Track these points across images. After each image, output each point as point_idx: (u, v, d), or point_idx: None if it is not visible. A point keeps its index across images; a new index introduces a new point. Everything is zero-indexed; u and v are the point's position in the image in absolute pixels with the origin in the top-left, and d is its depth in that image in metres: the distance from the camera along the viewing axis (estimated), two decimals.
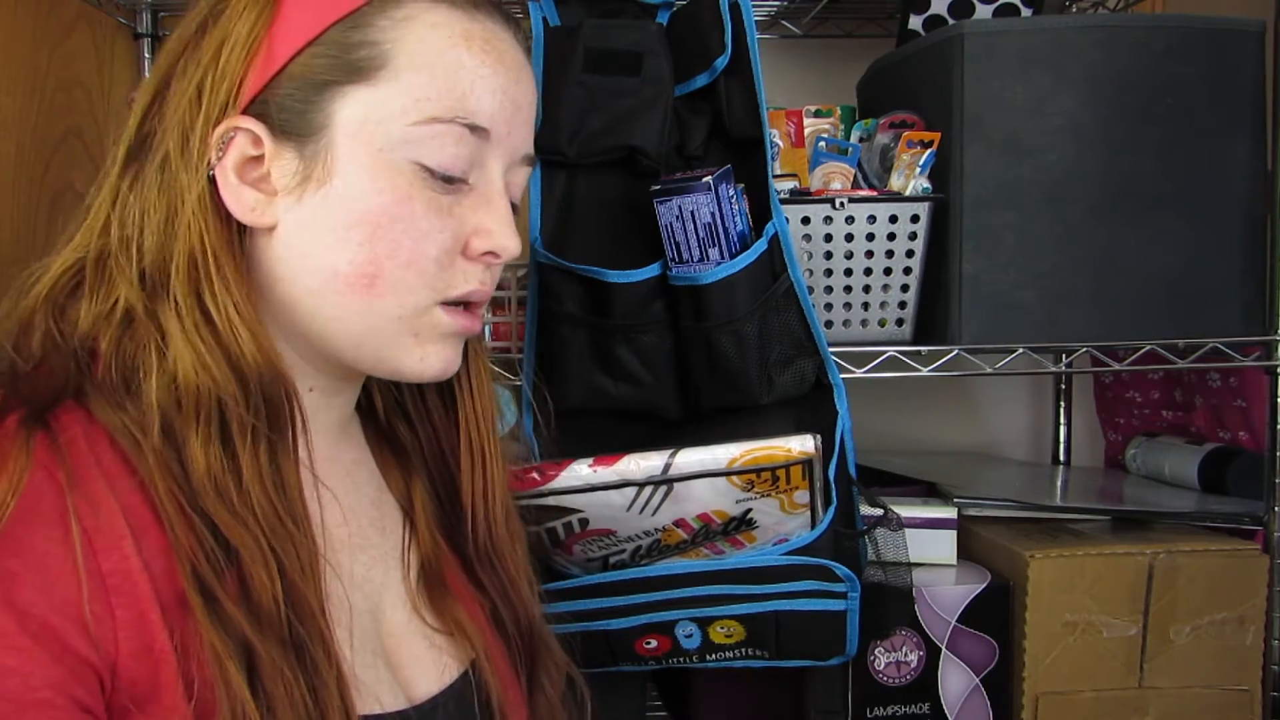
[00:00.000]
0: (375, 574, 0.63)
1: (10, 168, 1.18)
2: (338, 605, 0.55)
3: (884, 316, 1.04)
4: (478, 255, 0.58)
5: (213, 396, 0.51)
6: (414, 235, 0.55)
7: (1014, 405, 1.46)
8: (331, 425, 0.64)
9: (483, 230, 0.58)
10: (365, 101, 0.54)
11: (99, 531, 0.47)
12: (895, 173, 1.03)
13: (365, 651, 0.58)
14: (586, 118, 0.92)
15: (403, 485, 0.68)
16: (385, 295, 0.55)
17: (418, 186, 0.55)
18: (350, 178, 0.54)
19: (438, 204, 0.56)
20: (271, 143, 0.54)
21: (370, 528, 0.64)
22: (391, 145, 0.54)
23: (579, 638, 0.83)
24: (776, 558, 0.82)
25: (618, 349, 0.89)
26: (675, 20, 0.96)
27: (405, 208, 0.55)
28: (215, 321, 0.53)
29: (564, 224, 0.95)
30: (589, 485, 0.78)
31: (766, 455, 0.76)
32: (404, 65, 0.54)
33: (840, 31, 1.34)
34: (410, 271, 0.56)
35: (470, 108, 0.56)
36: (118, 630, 0.46)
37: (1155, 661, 0.95)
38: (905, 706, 0.95)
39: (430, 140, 0.55)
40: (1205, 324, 1.01)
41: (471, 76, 0.56)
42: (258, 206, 0.55)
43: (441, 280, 0.57)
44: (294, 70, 0.54)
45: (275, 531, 0.51)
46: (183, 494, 0.50)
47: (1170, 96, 0.98)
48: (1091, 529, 1.04)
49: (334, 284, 0.55)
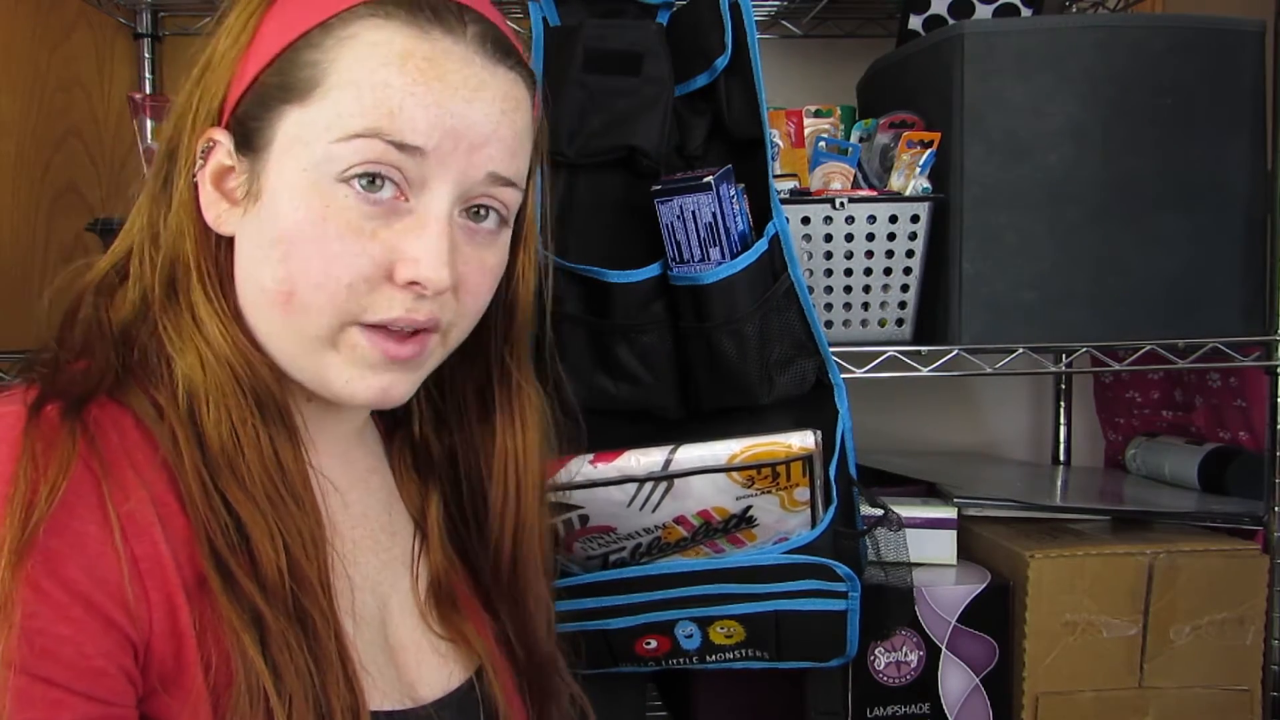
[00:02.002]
0: (385, 577, 0.64)
1: (10, 168, 1.18)
2: (346, 595, 0.57)
3: (884, 316, 1.04)
4: (402, 284, 0.55)
5: (215, 385, 0.55)
6: (324, 256, 0.54)
7: (1014, 405, 1.46)
8: (343, 434, 0.65)
9: (406, 259, 0.55)
10: (297, 120, 0.54)
11: (130, 518, 0.49)
12: (895, 173, 1.03)
13: (372, 648, 0.59)
14: (586, 118, 0.92)
15: (418, 498, 0.69)
16: (298, 313, 0.55)
17: (335, 208, 0.54)
18: (276, 195, 0.55)
19: (356, 227, 0.54)
20: (234, 155, 0.56)
21: (381, 532, 0.66)
22: (315, 163, 0.54)
23: (574, 640, 0.83)
24: (777, 556, 0.82)
25: (618, 349, 0.89)
26: (675, 20, 0.97)
27: (318, 228, 0.54)
28: (203, 323, 0.56)
29: (564, 224, 0.95)
30: (589, 481, 0.78)
31: (767, 451, 0.76)
32: (334, 84, 0.54)
33: (840, 31, 1.34)
34: (321, 294, 0.54)
35: (398, 125, 0.53)
36: (152, 611, 0.49)
37: (1155, 661, 0.95)
38: (905, 706, 0.95)
39: (350, 157, 0.53)
40: (1205, 324, 1.01)
41: (401, 94, 0.53)
42: (222, 215, 0.57)
43: (355, 304, 0.55)
44: (255, 88, 0.56)
45: (278, 508, 0.54)
46: (205, 469, 0.53)
47: (1170, 96, 0.98)
48: (1091, 529, 1.04)
49: (262, 299, 0.56)
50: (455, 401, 0.70)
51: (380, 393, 0.57)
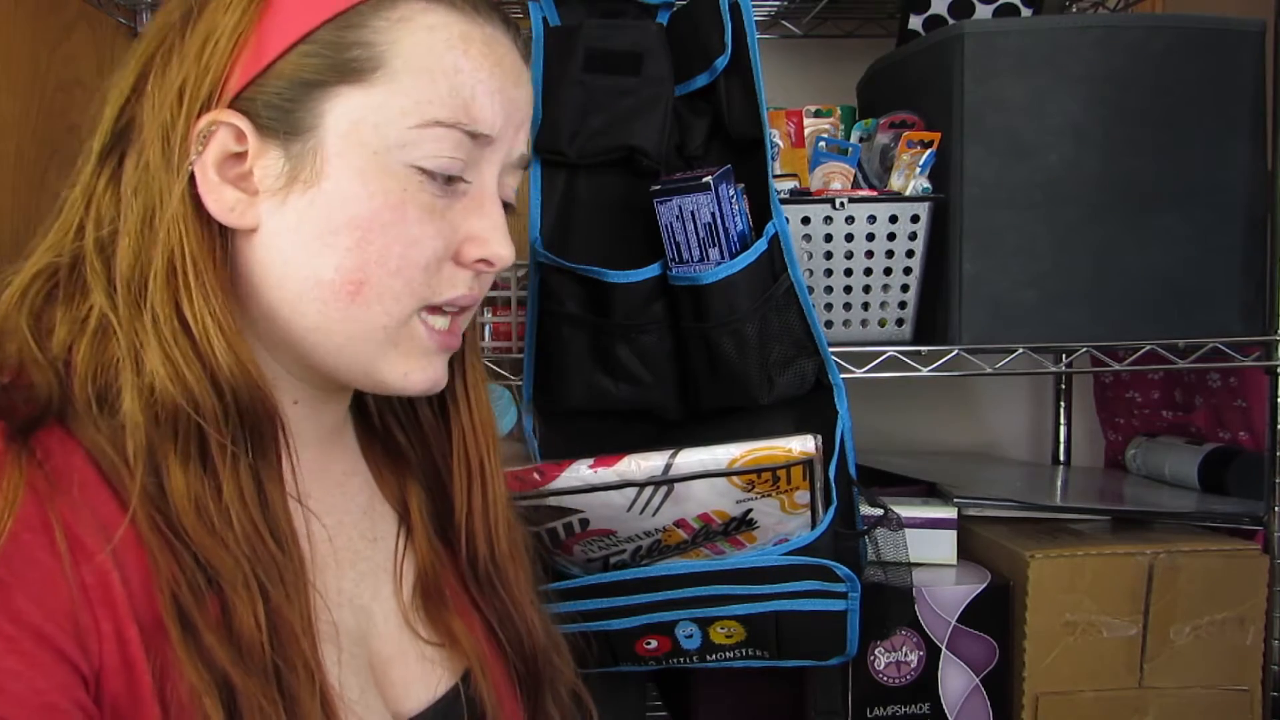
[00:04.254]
0: (365, 588, 0.61)
1: (10, 168, 1.18)
2: (324, 624, 0.53)
3: (884, 316, 1.04)
4: (470, 262, 0.57)
5: (191, 412, 0.49)
6: (405, 242, 0.53)
7: (1014, 405, 1.46)
8: (321, 436, 0.62)
9: (477, 238, 0.56)
10: (359, 103, 0.52)
11: (79, 544, 0.46)
12: (895, 173, 1.03)
13: (352, 670, 0.57)
14: (586, 118, 0.92)
15: (398, 491, 0.66)
16: (371, 304, 0.53)
17: (412, 191, 0.53)
18: (341, 180, 0.52)
19: (431, 208, 0.54)
20: (256, 139, 0.52)
21: (360, 539, 0.62)
22: (387, 148, 0.53)
23: (581, 638, 0.83)
24: (777, 558, 0.82)
25: (618, 349, 0.89)
26: (675, 20, 0.96)
27: (398, 213, 0.53)
28: (193, 332, 0.50)
29: (564, 224, 0.95)
30: (589, 486, 0.78)
31: (767, 456, 0.76)
32: (401, 68, 0.52)
33: (840, 31, 1.34)
34: (398, 279, 0.54)
35: (473, 114, 0.54)
36: (102, 642, 0.45)
37: (1155, 661, 0.95)
38: (905, 706, 0.95)
39: (429, 144, 0.53)
40: (1205, 324, 1.01)
41: (471, 81, 0.54)
42: (238, 206, 0.52)
43: (428, 287, 0.55)
44: (282, 68, 0.52)
45: (258, 554, 0.49)
46: (162, 517, 0.48)
47: (1170, 96, 0.98)
48: (1091, 529, 1.04)
49: (317, 291, 0.53)
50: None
51: (434, 382, 0.58)
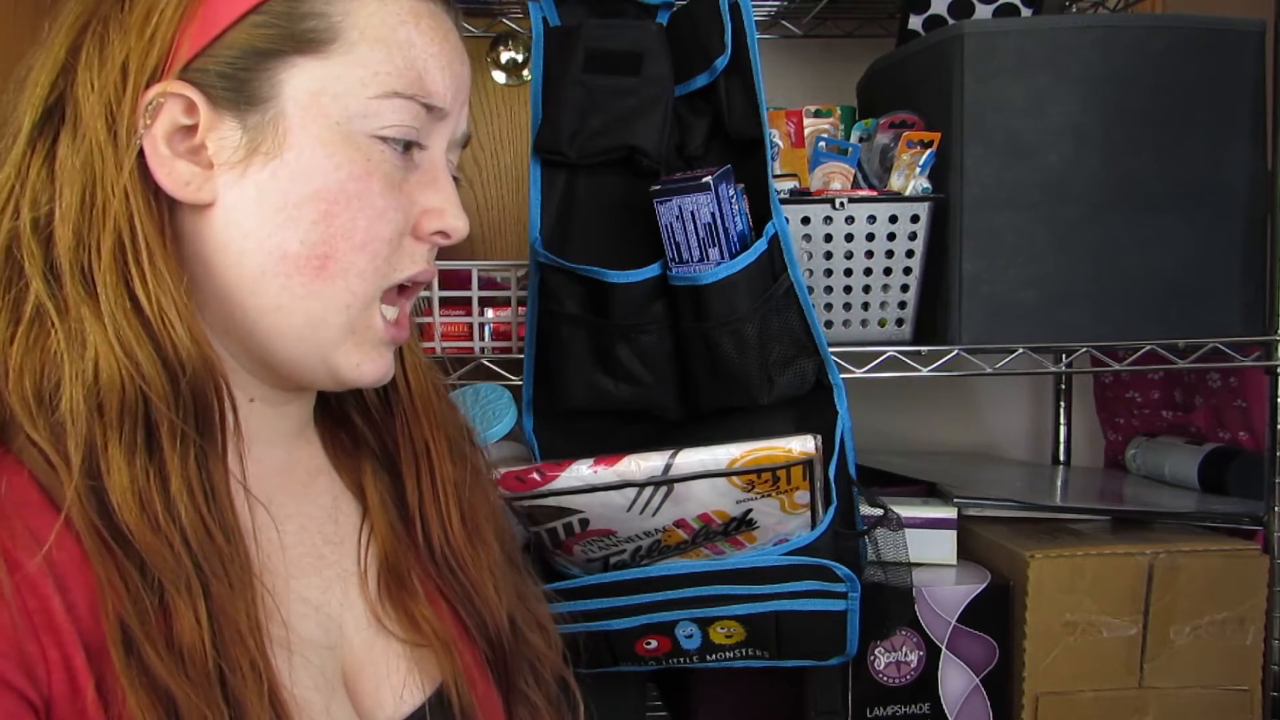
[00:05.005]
0: (333, 595, 0.59)
1: None
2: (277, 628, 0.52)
3: (884, 316, 1.04)
4: (428, 235, 0.57)
5: (138, 395, 0.47)
6: (370, 214, 0.53)
7: (1014, 405, 1.46)
8: (285, 435, 0.60)
9: (433, 210, 0.56)
10: (318, 74, 0.52)
11: (18, 568, 0.44)
12: (895, 173, 1.03)
13: (313, 679, 0.55)
14: (586, 118, 0.92)
15: (356, 476, 0.64)
16: (335, 279, 0.53)
17: (376, 161, 0.53)
18: (305, 152, 0.51)
19: (393, 180, 0.54)
20: (209, 111, 0.50)
21: (325, 545, 0.60)
22: (349, 118, 0.52)
23: (580, 638, 0.83)
24: (777, 558, 0.82)
25: (618, 349, 0.89)
26: (675, 20, 0.96)
27: (363, 184, 0.52)
28: (145, 310, 0.48)
29: (564, 224, 0.95)
30: (589, 486, 0.78)
31: (767, 456, 0.76)
32: (358, 39, 0.52)
33: (840, 31, 1.34)
34: (364, 254, 0.53)
35: (427, 87, 0.55)
36: (50, 671, 0.44)
37: (1155, 661, 0.95)
38: (905, 706, 0.95)
39: (389, 114, 0.53)
40: (1205, 324, 1.01)
41: (424, 55, 0.55)
42: (193, 181, 0.51)
43: (389, 264, 0.55)
44: (233, 38, 0.51)
45: (202, 547, 0.47)
46: (102, 520, 0.46)
47: (1170, 96, 0.98)
48: (1091, 529, 1.04)
49: (281, 266, 0.52)
50: None
51: (384, 373, 0.57)
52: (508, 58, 1.33)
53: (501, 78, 1.34)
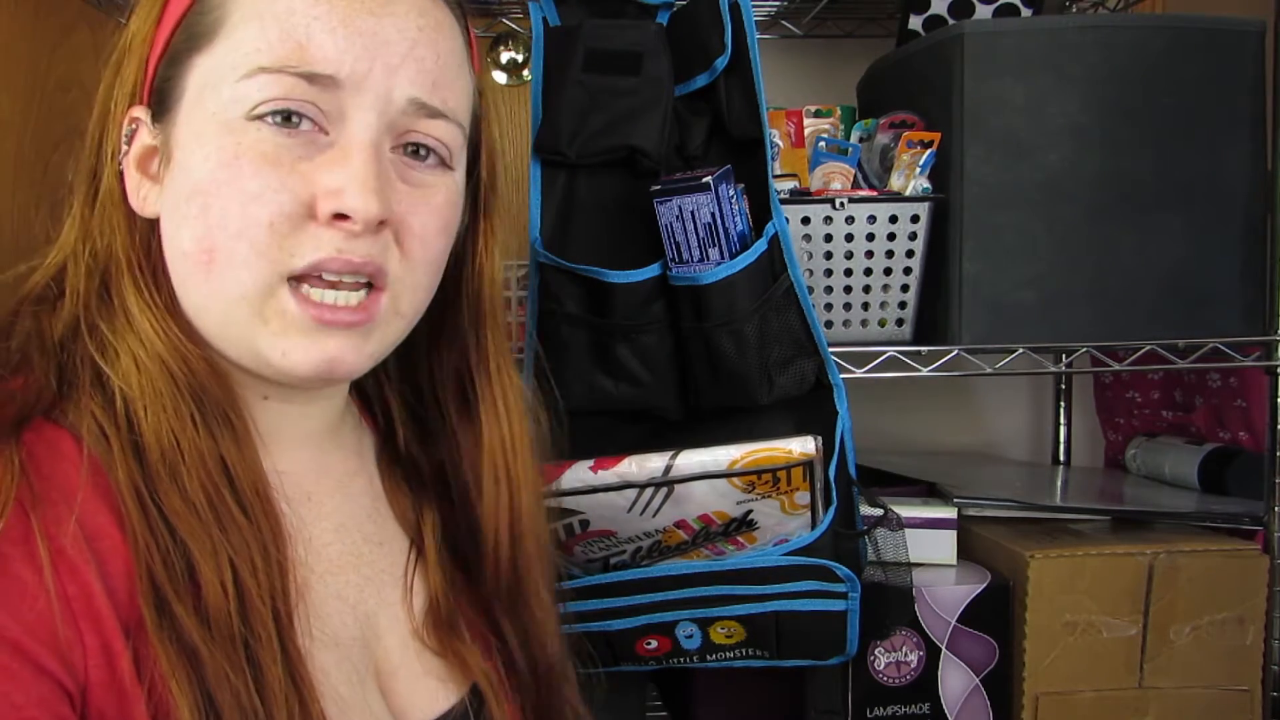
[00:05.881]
0: (369, 594, 0.59)
1: (10, 168, 1.18)
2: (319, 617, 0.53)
3: (884, 316, 1.04)
4: (325, 219, 0.50)
5: (150, 386, 0.50)
6: (242, 199, 0.49)
7: (1014, 405, 1.46)
8: (312, 435, 0.60)
9: (330, 190, 0.50)
10: (204, 68, 0.52)
11: (61, 555, 0.45)
12: (895, 173, 1.03)
13: (352, 673, 0.56)
14: (586, 118, 0.92)
15: (412, 513, 0.64)
16: (223, 272, 0.50)
17: (247, 143, 0.50)
18: (187, 148, 0.51)
19: (273, 159, 0.50)
20: (152, 127, 0.53)
21: (365, 543, 0.61)
22: (222, 106, 0.50)
23: (583, 643, 0.83)
24: (777, 558, 0.82)
25: (618, 349, 0.89)
26: (675, 20, 0.96)
27: (231, 169, 0.49)
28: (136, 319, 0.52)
29: (564, 224, 0.95)
30: (590, 487, 0.78)
31: (767, 457, 0.76)
32: (237, 22, 0.51)
33: (840, 31, 1.34)
34: (242, 242, 0.49)
35: (309, 55, 0.50)
36: (87, 657, 0.44)
37: (1155, 661, 0.95)
38: (905, 706, 0.95)
39: (255, 93, 0.50)
40: (1205, 324, 1.01)
41: (305, 20, 0.50)
42: (147, 196, 0.54)
43: (281, 249, 0.50)
44: (168, 51, 0.53)
45: (223, 518, 0.49)
46: (143, 482, 0.48)
47: (1170, 96, 0.98)
48: (1091, 529, 1.04)
49: (185, 267, 0.52)
50: (434, 399, 0.65)
51: (326, 363, 0.52)
52: (508, 58, 1.33)
53: (501, 78, 1.35)
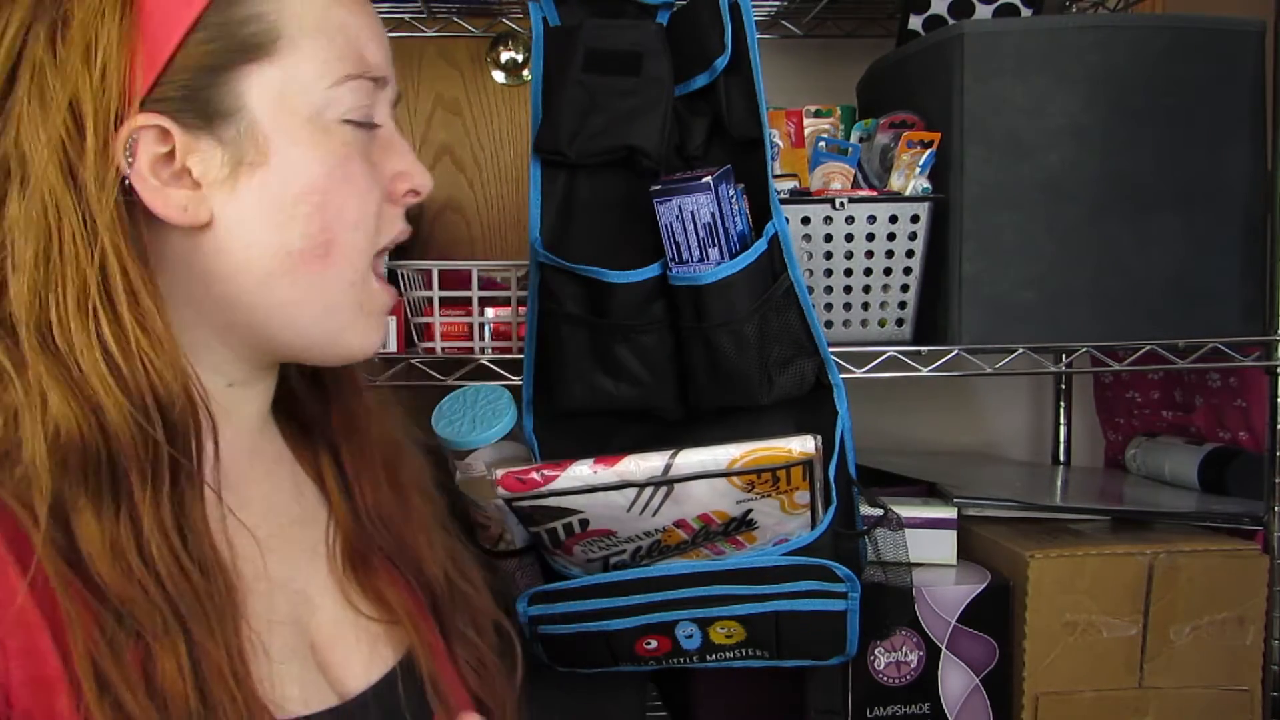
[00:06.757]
0: (299, 571, 0.61)
1: None
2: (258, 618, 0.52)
3: (884, 316, 1.04)
4: (401, 197, 0.61)
5: (101, 447, 0.47)
6: (358, 193, 0.57)
7: (1014, 405, 1.46)
8: (253, 418, 0.62)
9: (403, 173, 0.60)
10: (275, 76, 0.53)
11: None
12: (895, 173, 1.03)
13: (291, 657, 0.56)
14: (586, 118, 0.92)
15: (313, 462, 0.67)
16: (339, 262, 0.56)
17: (351, 145, 0.56)
18: (287, 153, 0.54)
19: (365, 155, 0.58)
20: (183, 135, 0.52)
21: (291, 524, 0.63)
22: (317, 112, 0.55)
23: (579, 638, 0.83)
24: (777, 558, 0.82)
25: (618, 349, 0.89)
26: (675, 20, 0.96)
27: (345, 168, 0.56)
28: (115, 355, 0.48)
29: (564, 224, 0.95)
30: (590, 486, 0.77)
31: (767, 456, 0.76)
32: (298, 34, 0.54)
33: (840, 31, 1.34)
34: (359, 232, 0.57)
35: (368, 62, 0.57)
36: (9, 659, 0.44)
37: (1155, 661, 0.95)
38: (905, 706, 0.95)
39: (348, 97, 0.56)
40: (1205, 324, 1.01)
41: (357, 31, 0.57)
42: (190, 204, 0.52)
43: (377, 233, 0.59)
44: (184, 60, 0.51)
45: (179, 589, 0.47)
46: (76, 574, 0.46)
47: (1170, 96, 0.98)
48: (1091, 529, 1.04)
49: (288, 264, 0.55)
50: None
51: (380, 341, 0.62)
52: (508, 58, 1.33)
53: (501, 78, 1.35)
